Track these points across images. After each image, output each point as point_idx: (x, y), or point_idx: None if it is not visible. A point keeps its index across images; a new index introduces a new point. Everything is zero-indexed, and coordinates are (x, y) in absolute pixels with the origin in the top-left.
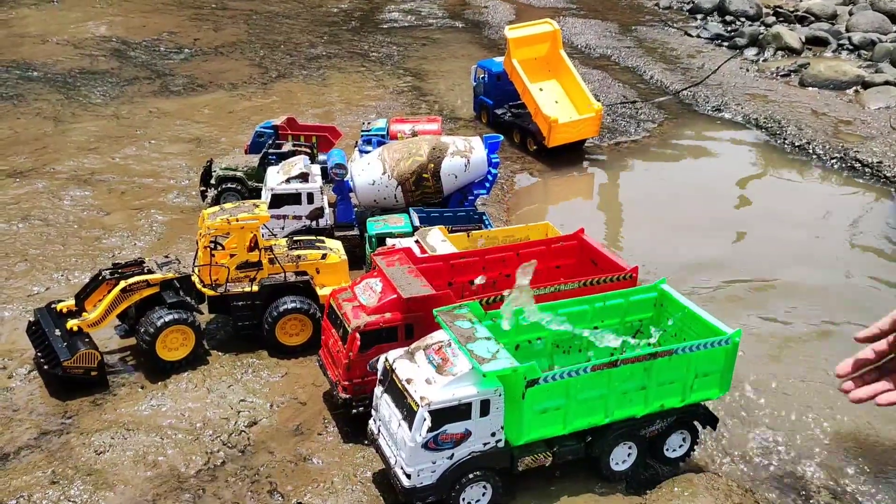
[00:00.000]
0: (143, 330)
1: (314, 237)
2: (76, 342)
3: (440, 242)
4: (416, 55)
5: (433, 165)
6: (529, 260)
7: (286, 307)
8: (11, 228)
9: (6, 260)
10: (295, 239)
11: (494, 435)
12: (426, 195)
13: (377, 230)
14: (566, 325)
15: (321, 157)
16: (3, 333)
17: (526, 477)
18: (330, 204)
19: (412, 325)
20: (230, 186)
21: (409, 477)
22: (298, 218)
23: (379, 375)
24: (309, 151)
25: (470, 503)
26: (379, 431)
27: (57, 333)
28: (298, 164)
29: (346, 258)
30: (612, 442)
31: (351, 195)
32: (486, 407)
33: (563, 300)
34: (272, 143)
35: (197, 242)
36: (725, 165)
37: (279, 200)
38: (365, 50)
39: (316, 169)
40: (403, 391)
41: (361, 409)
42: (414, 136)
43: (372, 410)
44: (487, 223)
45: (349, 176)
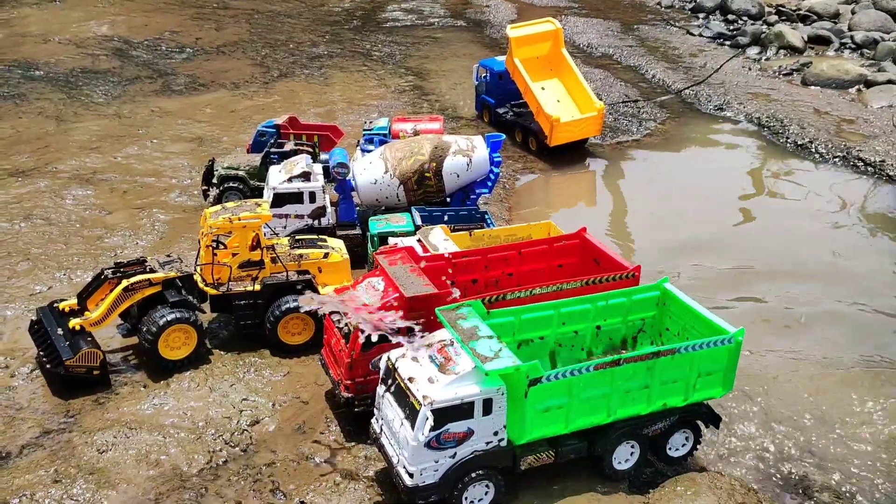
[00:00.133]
0: (145, 329)
1: (316, 236)
2: (78, 341)
3: (442, 241)
4: (417, 54)
5: (435, 164)
6: (532, 259)
7: (288, 306)
8: (14, 227)
9: (8, 259)
10: (297, 238)
11: (497, 434)
12: (428, 194)
13: (379, 229)
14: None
15: (323, 156)
16: (5, 332)
17: (528, 476)
18: (332, 203)
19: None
20: (232, 185)
21: (411, 476)
22: (300, 217)
23: (381, 374)
24: (311, 150)
25: (472, 502)
26: (381, 430)
27: (59, 332)
28: (300, 163)
29: (348, 257)
30: (614, 441)
31: (353, 194)
32: (488, 406)
33: (565, 299)
34: (274, 142)
35: (199, 241)
36: (727, 164)
37: (281, 199)
38: (367, 49)
39: (318, 168)
40: (406, 390)
41: (364, 408)
42: (416, 135)
43: (374, 409)
44: (489, 222)
45: (351, 175)
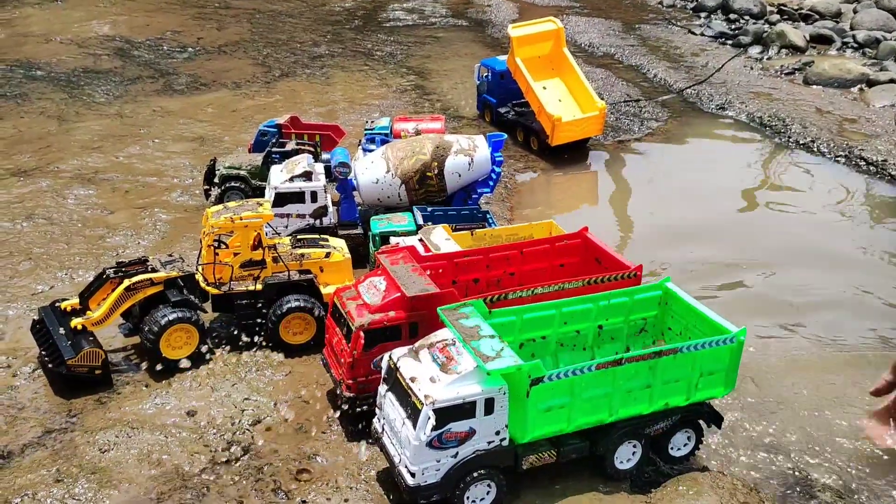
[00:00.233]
0: (147, 328)
1: (318, 236)
2: (80, 341)
3: (444, 241)
4: (419, 54)
5: (437, 164)
6: (533, 258)
7: (290, 306)
8: (16, 227)
9: (10, 259)
10: (298, 237)
11: (499, 433)
12: (430, 193)
13: (381, 228)
14: None
15: (324, 155)
16: (7, 332)
17: (530, 475)
18: (333, 202)
19: (416, 323)
20: (234, 185)
21: (413, 475)
22: (302, 216)
23: (383, 374)
24: (312, 150)
25: (474, 502)
26: (383, 430)
27: (61, 332)
28: (302, 162)
29: (349, 257)
30: (616, 440)
31: (354, 193)
32: (490, 405)
33: (567, 298)
34: (276, 141)
35: (201, 241)
36: (729, 164)
37: (283, 199)
38: (368, 49)
39: (319, 167)
40: (408, 389)
41: (365, 407)
42: (417, 134)
43: (376, 409)
44: (491, 222)
45: (353, 174)
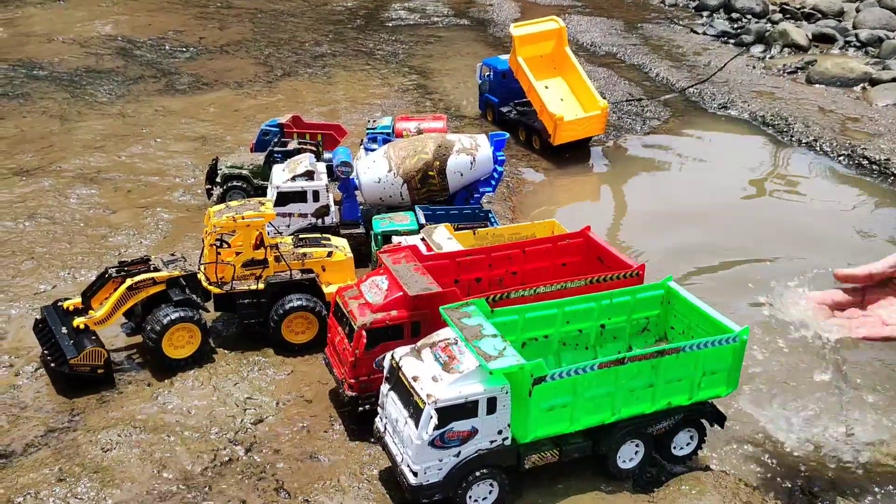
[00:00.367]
0: (149, 328)
1: (320, 235)
2: (83, 340)
3: (446, 240)
4: (421, 53)
5: (439, 163)
6: (535, 257)
7: (292, 305)
8: (18, 227)
9: (13, 258)
10: (301, 237)
11: (501, 433)
12: (432, 193)
13: (383, 228)
14: None
15: (327, 154)
16: (9, 331)
17: (532, 475)
18: (335, 202)
19: (418, 322)
20: (236, 184)
21: (415, 475)
22: (304, 216)
23: (385, 373)
24: (314, 149)
25: (477, 501)
26: (385, 429)
27: (63, 331)
28: (304, 161)
29: (351, 256)
30: (619, 440)
31: (356, 193)
32: (492, 404)
33: (569, 297)
34: (277, 141)
35: (203, 240)
36: (732, 163)
37: (285, 198)
38: (370, 48)
39: (321, 167)
40: (410, 389)
41: (368, 406)
42: (419, 133)
43: (378, 408)
44: (493, 221)
45: (355, 174)
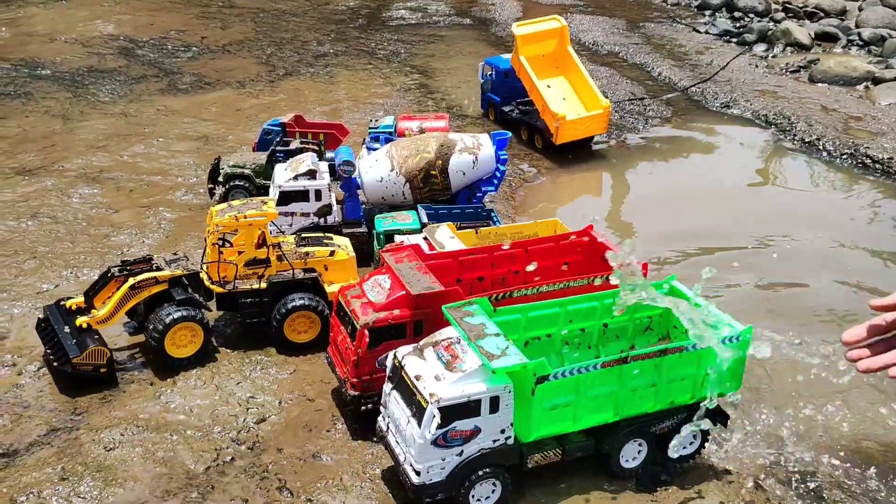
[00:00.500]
0: (151, 327)
1: (322, 234)
2: (85, 339)
3: (448, 239)
4: (423, 52)
5: (441, 162)
6: (538, 257)
7: (294, 304)
8: (21, 226)
9: (15, 257)
10: (303, 236)
11: (504, 432)
12: (434, 192)
13: (385, 227)
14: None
15: (329, 154)
16: (12, 330)
17: (535, 474)
18: (338, 201)
19: (421, 321)
20: (238, 184)
21: (418, 474)
22: (306, 215)
23: (388, 372)
24: (317, 149)
25: (479, 500)
26: (388, 428)
27: (66, 330)
28: (306, 161)
29: (354, 255)
30: (622, 439)
31: (359, 192)
32: (495, 403)
33: (572, 296)
34: (280, 140)
35: (205, 240)
36: (734, 162)
37: (287, 197)
38: (372, 47)
39: (324, 166)
40: (413, 388)
41: (370, 405)
42: (422, 132)
43: (381, 407)
44: (496, 220)
45: (357, 173)
